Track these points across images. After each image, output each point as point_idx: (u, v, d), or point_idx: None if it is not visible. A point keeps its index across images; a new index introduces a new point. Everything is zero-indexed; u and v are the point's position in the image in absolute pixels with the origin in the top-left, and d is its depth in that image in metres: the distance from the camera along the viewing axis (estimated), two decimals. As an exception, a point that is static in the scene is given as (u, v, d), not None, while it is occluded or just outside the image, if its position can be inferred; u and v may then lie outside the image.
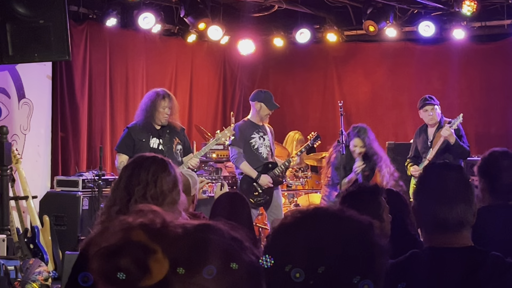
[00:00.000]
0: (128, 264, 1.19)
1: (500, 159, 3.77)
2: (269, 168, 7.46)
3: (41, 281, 5.95)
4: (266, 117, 7.54)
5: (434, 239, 2.45)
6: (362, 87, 10.67)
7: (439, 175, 2.53)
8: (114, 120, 9.32)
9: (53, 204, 7.73)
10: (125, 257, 1.20)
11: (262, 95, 7.51)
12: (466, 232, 2.43)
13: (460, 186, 2.46)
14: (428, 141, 7.55)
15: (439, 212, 2.43)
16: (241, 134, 7.38)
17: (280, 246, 1.54)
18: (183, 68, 10.36)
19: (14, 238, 6.72)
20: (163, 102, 6.55)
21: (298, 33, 10.13)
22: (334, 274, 1.48)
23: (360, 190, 3.75)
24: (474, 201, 2.46)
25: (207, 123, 10.28)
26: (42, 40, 5.97)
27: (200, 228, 1.25)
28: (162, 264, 1.20)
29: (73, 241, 7.48)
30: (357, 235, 1.51)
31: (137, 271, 1.19)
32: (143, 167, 2.92)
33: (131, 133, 6.62)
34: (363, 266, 1.48)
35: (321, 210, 1.59)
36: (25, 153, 8.16)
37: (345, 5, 9.71)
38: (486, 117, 9.91)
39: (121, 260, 1.20)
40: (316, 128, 8.68)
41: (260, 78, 11.12)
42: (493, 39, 9.79)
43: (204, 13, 9.14)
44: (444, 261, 2.40)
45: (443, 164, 2.68)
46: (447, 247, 2.41)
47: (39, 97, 8.43)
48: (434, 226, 2.46)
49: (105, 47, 9.22)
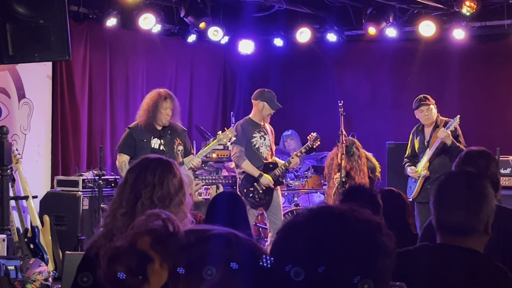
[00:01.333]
0: (128, 271, 1.25)
1: (477, 158, 3.77)
2: (270, 168, 7.45)
3: (41, 281, 5.96)
4: (267, 117, 7.53)
5: (442, 238, 2.50)
6: (362, 87, 10.67)
7: (454, 181, 2.60)
8: (114, 120, 9.32)
9: (53, 204, 7.73)
10: (126, 263, 1.22)
11: (266, 94, 7.49)
12: (474, 239, 2.45)
13: (466, 193, 2.49)
14: (425, 141, 7.52)
15: (440, 215, 2.49)
16: (243, 132, 7.36)
17: (285, 244, 1.55)
18: (183, 68, 10.36)
19: (14, 238, 6.73)
20: (165, 103, 6.55)
21: (298, 33, 10.13)
22: (335, 274, 1.48)
23: (356, 190, 3.77)
24: (483, 210, 2.46)
25: (207, 123, 10.28)
26: (42, 40, 5.97)
27: (205, 239, 1.26)
28: (160, 275, 1.24)
29: (73, 241, 7.48)
30: (363, 235, 1.51)
31: (136, 279, 1.21)
32: (149, 169, 2.92)
33: (132, 133, 6.62)
34: (366, 266, 1.48)
35: (328, 209, 1.59)
36: (25, 153, 8.16)
37: (345, 5, 9.71)
38: (486, 117, 9.90)
39: (122, 266, 1.23)
40: (316, 128, 8.67)
41: (260, 78, 11.11)
42: (493, 39, 9.78)
43: (205, 12, 9.14)
44: (446, 257, 2.43)
45: (462, 172, 2.73)
46: (451, 245, 2.44)
47: (39, 97, 8.43)
48: (438, 228, 2.51)
49: (105, 47, 9.22)
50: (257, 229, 8.47)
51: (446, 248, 2.44)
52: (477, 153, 3.84)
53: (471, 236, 2.43)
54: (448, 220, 2.45)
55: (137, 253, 1.27)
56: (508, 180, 7.85)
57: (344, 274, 1.48)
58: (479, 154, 3.81)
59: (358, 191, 3.77)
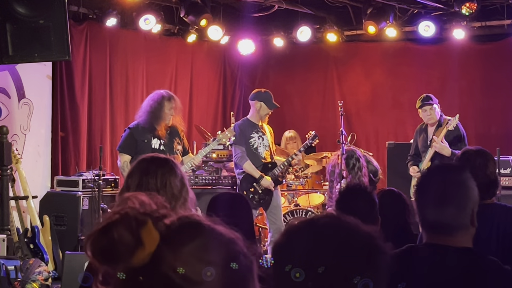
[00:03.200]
0: (121, 235, 1.21)
1: (474, 157, 3.76)
2: (268, 168, 7.46)
3: (41, 281, 5.95)
4: (265, 117, 7.54)
5: (430, 237, 2.46)
6: (362, 87, 10.66)
7: (436, 177, 2.53)
8: (114, 120, 9.32)
9: (53, 204, 7.73)
10: (119, 229, 1.22)
11: (262, 94, 7.51)
12: (463, 233, 2.41)
13: (453, 190, 2.45)
14: (428, 140, 7.52)
15: (431, 214, 2.44)
16: (241, 133, 7.38)
17: (285, 247, 1.55)
18: (183, 68, 10.36)
19: (14, 238, 6.72)
20: (169, 104, 6.64)
21: (298, 33, 10.12)
22: (335, 274, 1.48)
23: (353, 188, 3.78)
24: (468, 204, 2.43)
25: (207, 123, 10.28)
26: (42, 40, 5.97)
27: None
28: (154, 235, 1.23)
29: (73, 241, 7.48)
30: (363, 251, 1.51)
31: (131, 242, 1.21)
32: (149, 174, 2.91)
33: (133, 134, 6.68)
34: (365, 267, 1.49)
35: (332, 219, 1.59)
36: (25, 153, 8.16)
37: (345, 5, 9.71)
38: (486, 117, 9.90)
39: (114, 232, 1.21)
40: (316, 128, 8.67)
41: (260, 78, 11.11)
42: (493, 39, 9.78)
43: (205, 10, 9.14)
44: (438, 258, 2.40)
45: (443, 166, 2.68)
46: (443, 244, 2.41)
47: (39, 97, 8.43)
48: (428, 227, 2.47)
49: (105, 47, 9.22)
50: (257, 229, 8.47)
51: (436, 248, 2.42)
52: (475, 152, 3.83)
53: (460, 231, 2.41)
54: (437, 218, 2.41)
55: (128, 218, 1.23)
56: (508, 180, 7.85)
57: (344, 274, 1.48)
58: (477, 153, 3.80)
59: (354, 189, 3.78)
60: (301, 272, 1.48)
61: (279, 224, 7.40)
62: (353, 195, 3.63)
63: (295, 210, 8.43)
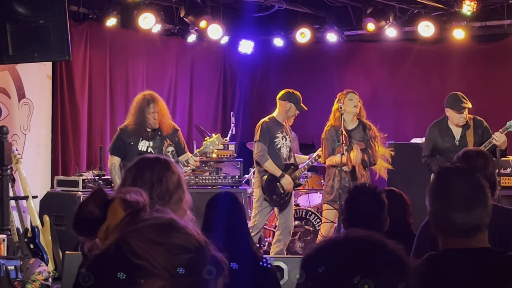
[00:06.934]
0: (91, 209, 1.56)
1: (475, 158, 3.76)
2: (290, 169, 7.40)
3: (41, 281, 5.95)
4: (292, 118, 7.51)
5: (451, 243, 2.45)
6: (362, 87, 10.64)
7: (453, 180, 2.51)
8: (114, 120, 9.31)
9: (53, 204, 7.73)
10: (90, 204, 1.58)
11: (294, 96, 7.45)
12: (483, 234, 2.43)
13: (474, 191, 2.46)
14: (455, 140, 7.30)
15: (457, 219, 2.42)
16: (268, 131, 7.31)
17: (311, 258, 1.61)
18: (183, 68, 10.36)
19: (14, 238, 6.73)
20: (148, 108, 6.56)
21: (298, 33, 10.13)
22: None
23: (361, 188, 3.76)
24: (488, 202, 2.46)
25: (207, 123, 10.28)
26: (42, 40, 5.96)
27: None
28: (118, 212, 1.52)
29: (73, 241, 7.46)
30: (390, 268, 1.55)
31: (97, 214, 1.54)
32: (146, 167, 2.92)
33: (121, 135, 6.68)
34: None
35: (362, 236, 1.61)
36: (25, 153, 8.16)
37: (345, 5, 9.71)
38: (486, 117, 9.88)
39: (85, 207, 1.59)
40: (316, 128, 8.65)
41: (260, 78, 11.11)
42: (493, 39, 9.78)
43: (205, 12, 9.15)
44: (461, 263, 2.40)
45: (456, 169, 2.66)
46: (463, 248, 2.41)
47: (39, 97, 8.43)
48: (452, 232, 2.45)
49: (105, 47, 9.22)
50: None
51: (458, 253, 2.41)
52: (475, 153, 3.84)
53: (482, 231, 2.43)
54: (466, 220, 2.40)
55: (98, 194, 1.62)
56: (508, 180, 7.84)
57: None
58: (477, 154, 3.81)
59: (363, 189, 3.75)
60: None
61: (289, 224, 7.38)
62: (361, 195, 3.60)
63: (295, 210, 8.42)
